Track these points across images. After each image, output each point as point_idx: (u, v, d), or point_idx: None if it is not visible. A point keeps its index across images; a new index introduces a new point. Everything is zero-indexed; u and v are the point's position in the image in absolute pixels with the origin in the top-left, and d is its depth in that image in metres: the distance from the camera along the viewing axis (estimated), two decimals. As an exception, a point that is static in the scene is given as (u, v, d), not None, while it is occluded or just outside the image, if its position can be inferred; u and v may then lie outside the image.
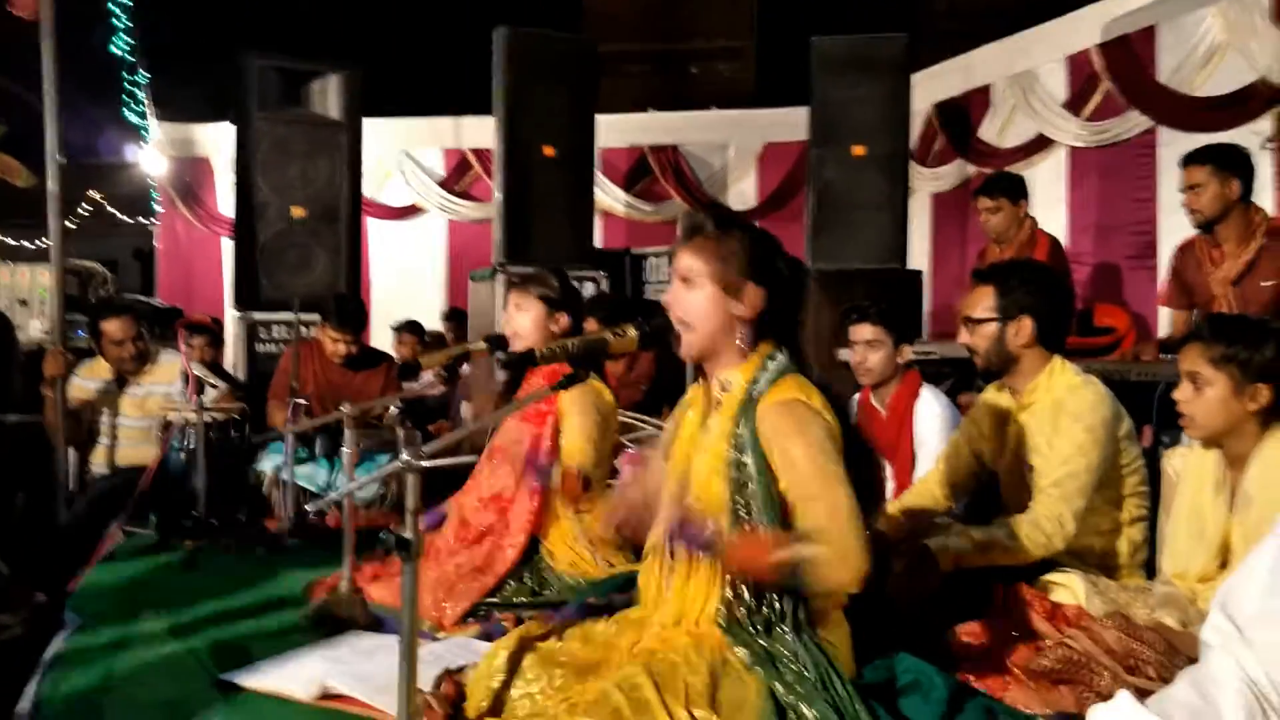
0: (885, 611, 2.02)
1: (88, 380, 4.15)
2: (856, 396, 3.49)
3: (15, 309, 7.61)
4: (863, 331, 3.34)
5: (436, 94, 9.36)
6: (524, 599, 2.52)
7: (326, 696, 1.95)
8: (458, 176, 8.46)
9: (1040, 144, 5.96)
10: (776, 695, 1.56)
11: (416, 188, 8.47)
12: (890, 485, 3.25)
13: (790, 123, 6.73)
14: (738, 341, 1.76)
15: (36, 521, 3.94)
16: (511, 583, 2.56)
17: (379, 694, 1.89)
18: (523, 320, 2.78)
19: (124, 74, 9.19)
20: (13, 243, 13.23)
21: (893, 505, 2.67)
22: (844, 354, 3.48)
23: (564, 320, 2.80)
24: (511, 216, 5.11)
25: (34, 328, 7.76)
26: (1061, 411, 2.32)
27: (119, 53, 9.24)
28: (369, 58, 5.85)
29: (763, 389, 1.71)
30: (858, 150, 5.03)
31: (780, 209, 7.89)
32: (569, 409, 2.67)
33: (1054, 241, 4.42)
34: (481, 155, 8.12)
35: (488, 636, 2.27)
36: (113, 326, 4.09)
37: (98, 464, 4.15)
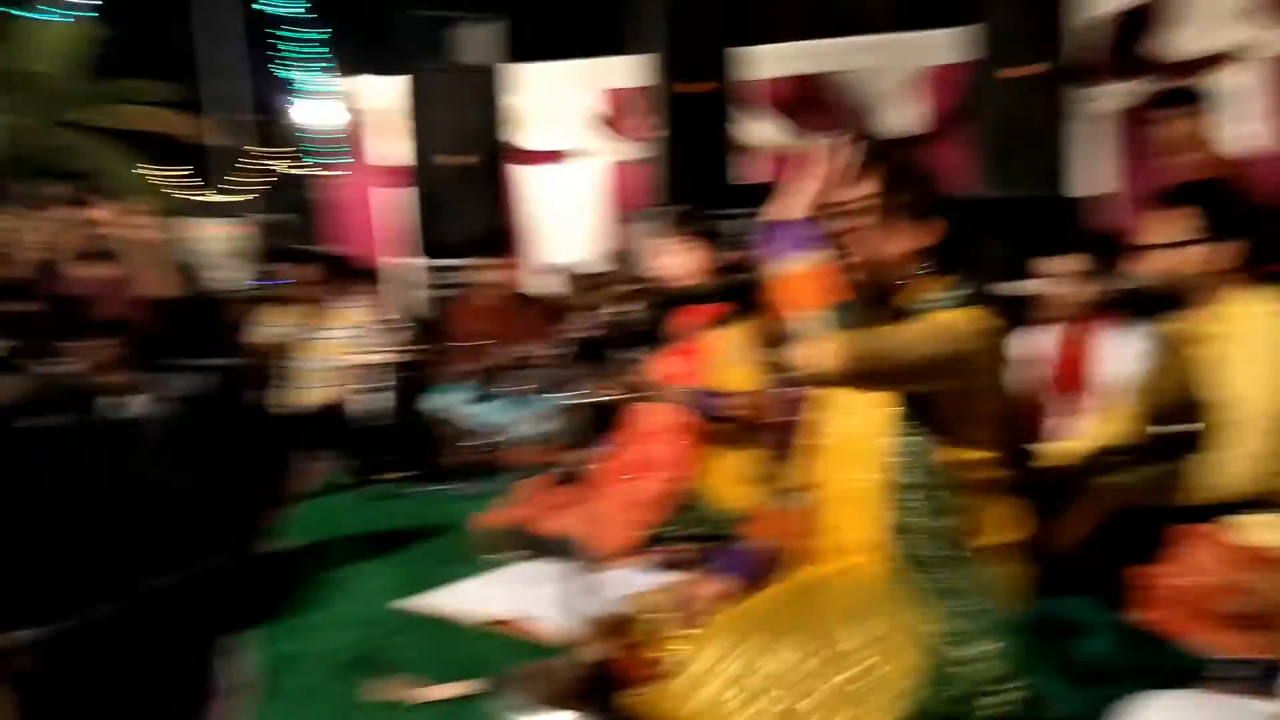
0: (1058, 550, 1.97)
1: (278, 327, 4.46)
2: (1036, 330, 3.36)
3: (214, 261, 8.19)
4: (1069, 263, 3.19)
5: (588, 36, 9.38)
6: (686, 533, 2.57)
7: (496, 621, 2.07)
8: (612, 117, 8.49)
9: (1228, 55, 5.46)
10: (930, 630, 1.55)
11: (571, 131, 8.56)
12: (1073, 421, 3.13)
13: (950, 45, 6.41)
14: (910, 274, 1.71)
15: (241, 457, 4.29)
16: (673, 516, 2.61)
17: (546, 619, 1.99)
18: (680, 259, 2.75)
19: (294, 33, 9.67)
20: (210, 199, 14.17)
21: (1077, 442, 2.57)
22: (1026, 286, 3.35)
23: (722, 257, 2.75)
24: (666, 155, 5.12)
25: (229, 278, 8.33)
26: (1266, 343, 2.17)
27: (289, 13, 9.74)
28: (518, 4, 5.94)
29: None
30: (1023, 70, 4.75)
31: (942, 136, 7.57)
32: (727, 346, 2.68)
33: (1245, 160, 4.07)
34: (634, 95, 8.12)
35: (652, 568, 2.35)
36: (301, 274, 4.38)
37: (290, 405, 4.47)
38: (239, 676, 1.86)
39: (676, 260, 2.76)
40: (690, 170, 5.09)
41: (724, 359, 2.69)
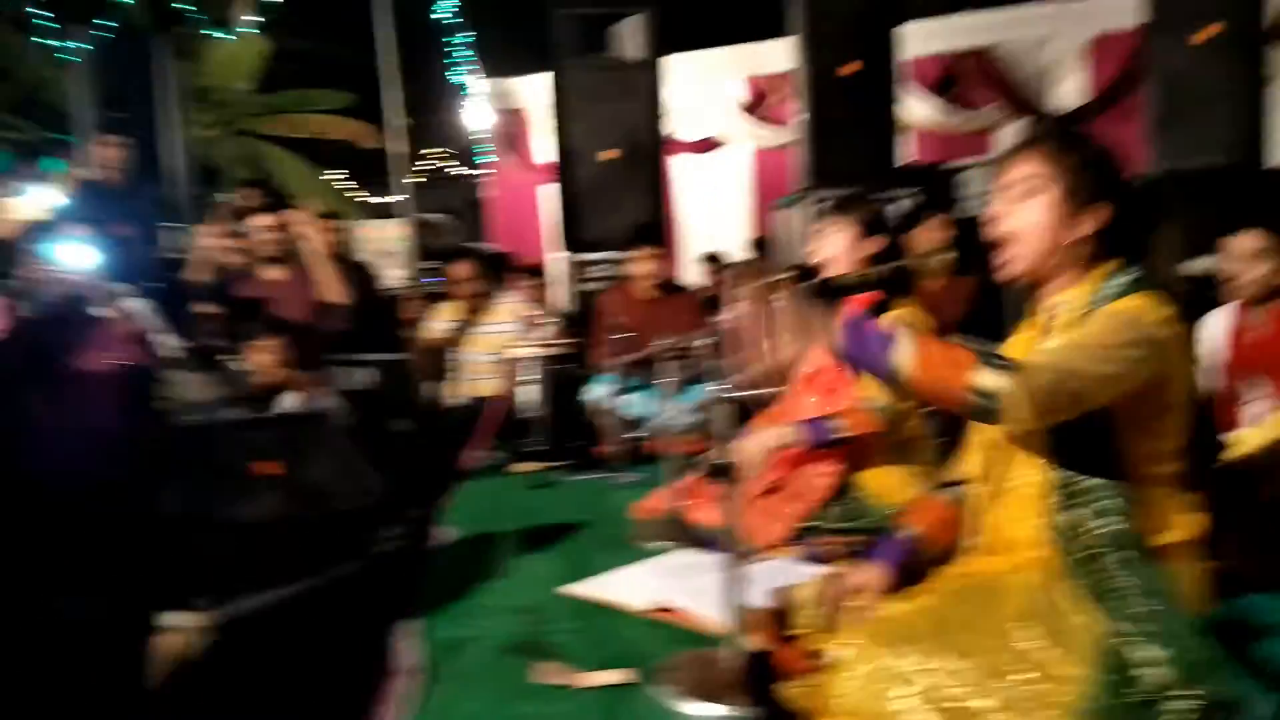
0: (1244, 546, 1.83)
1: (441, 322, 4.66)
2: (1216, 312, 3.14)
3: (379, 261, 8.61)
4: (1247, 241, 2.97)
5: (733, 23, 9.33)
6: (842, 525, 2.54)
7: (654, 609, 2.11)
8: (758, 104, 8.43)
9: None
10: (1107, 631, 1.47)
11: (718, 119, 8.54)
12: (1259, 408, 2.91)
13: (1121, 8, 6.04)
14: (1076, 259, 1.61)
15: (409, 447, 4.51)
16: (828, 509, 2.58)
17: (706, 608, 2.00)
18: (832, 246, 2.66)
19: (450, 37, 10.03)
20: (374, 200, 14.89)
21: (1263, 431, 2.40)
22: (1200, 264, 3.13)
23: (874, 244, 2.65)
24: (814, 139, 5.04)
25: (394, 277, 8.74)
26: None
27: (445, 17, 10.10)
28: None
29: (1105, 302, 1.56)
30: (1205, 33, 4.43)
31: (1113, 106, 7.14)
32: None
33: None
34: (781, 80, 8.03)
35: (806, 560, 2.33)
36: (459, 271, 4.56)
37: (452, 396, 4.66)
38: (409, 659, 1.96)
39: (829, 246, 2.68)
40: (841, 153, 5.00)
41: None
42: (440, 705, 1.73)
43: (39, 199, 4.02)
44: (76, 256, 3.61)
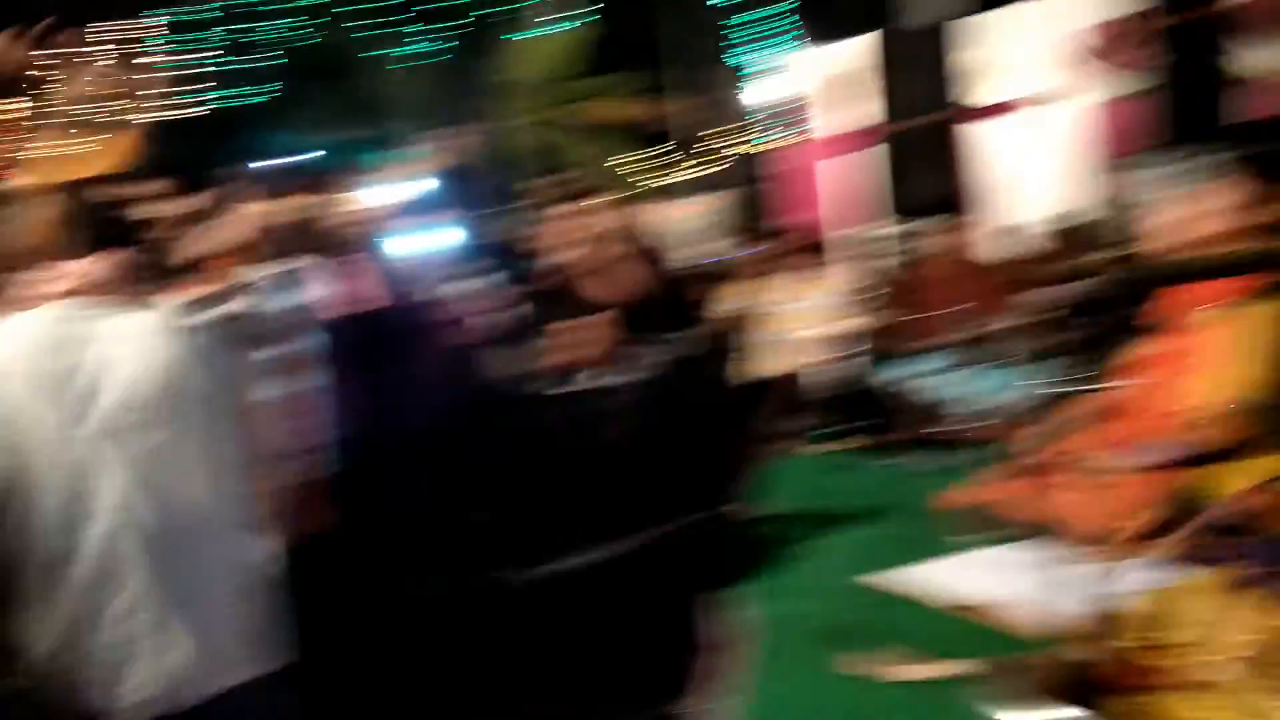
0: None
1: (733, 300, 4.72)
2: None
3: (671, 240, 8.84)
4: None
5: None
6: (1193, 522, 2.30)
7: (969, 605, 2.02)
8: (1093, 55, 7.69)
9: None
10: None
11: (1044, 74, 7.90)
12: None
13: None
14: None
15: (708, 423, 4.61)
16: (1177, 505, 2.34)
17: (1024, 609, 1.89)
18: (1200, 214, 2.20)
19: (749, 12, 10.09)
20: (674, 181, 15.21)
21: None
22: None
23: (1247, 215, 2.16)
24: (1171, 90, 4.49)
25: (686, 256, 8.92)
26: None
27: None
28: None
29: None
30: None
31: None
32: (1243, 334, 2.24)
33: None
34: (1124, 26, 7.23)
35: (1153, 562, 2.13)
36: (752, 249, 4.60)
37: (746, 375, 4.71)
38: (724, 636, 2.01)
39: (1185, 217, 2.23)
40: (1205, 104, 4.40)
41: (1233, 352, 2.15)
42: (757, 684, 1.76)
43: (384, 192, 4.49)
44: (421, 244, 4.02)
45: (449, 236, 4.19)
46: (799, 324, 4.33)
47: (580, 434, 3.29)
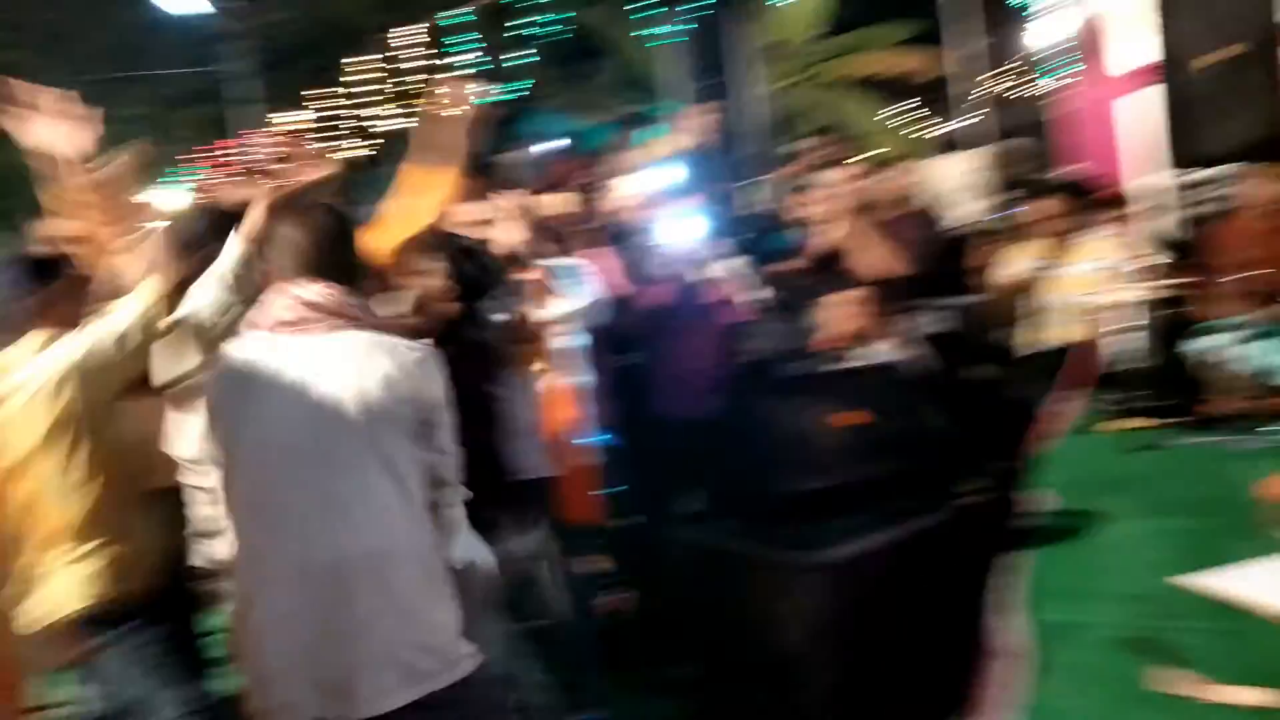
0: None
1: (1021, 262, 4.39)
2: None
3: (949, 196, 8.38)
4: None
5: None
6: None
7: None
8: None
9: None
10: None
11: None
12: None
13: None
14: None
15: (989, 396, 4.38)
16: None
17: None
18: None
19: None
20: (947, 133, 14.40)
21: None
22: None
23: None
24: None
25: (965, 214, 8.44)
26: None
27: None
28: None
29: None
30: None
31: None
32: None
33: None
34: None
35: None
36: (1040, 206, 4.27)
37: (1034, 344, 4.39)
38: (1014, 640, 1.89)
39: None
40: None
41: None
42: (1046, 700, 1.64)
43: (647, 177, 4.57)
44: (684, 227, 4.08)
45: (710, 215, 4.22)
46: (1095, 287, 3.96)
47: (851, 413, 3.20)
